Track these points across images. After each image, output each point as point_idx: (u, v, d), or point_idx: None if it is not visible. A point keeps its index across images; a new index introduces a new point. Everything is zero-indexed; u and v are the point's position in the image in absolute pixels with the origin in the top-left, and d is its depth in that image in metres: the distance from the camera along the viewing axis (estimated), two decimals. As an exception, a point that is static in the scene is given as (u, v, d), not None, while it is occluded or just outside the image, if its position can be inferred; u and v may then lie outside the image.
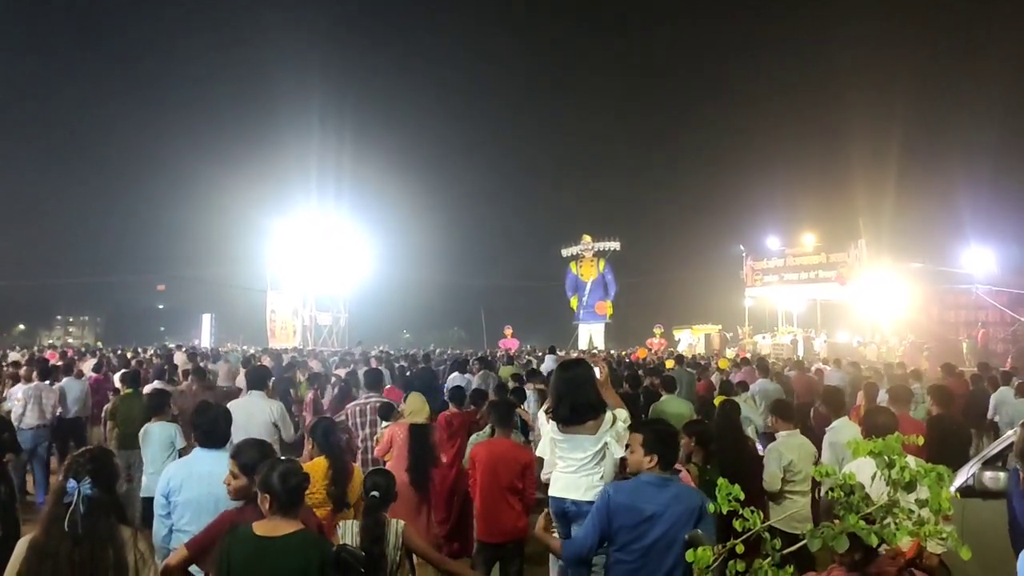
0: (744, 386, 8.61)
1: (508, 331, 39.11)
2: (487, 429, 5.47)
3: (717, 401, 6.96)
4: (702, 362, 16.69)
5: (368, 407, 6.03)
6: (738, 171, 66.78)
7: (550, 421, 3.84)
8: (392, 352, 21.32)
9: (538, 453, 4.04)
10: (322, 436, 4.22)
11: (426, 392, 6.08)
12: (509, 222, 74.04)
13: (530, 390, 8.36)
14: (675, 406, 7.10)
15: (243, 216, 51.92)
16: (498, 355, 22.42)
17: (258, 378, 5.80)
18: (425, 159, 70.21)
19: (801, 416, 8.38)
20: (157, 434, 5.47)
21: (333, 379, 9.91)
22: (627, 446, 3.15)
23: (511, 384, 8.66)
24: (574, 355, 22.69)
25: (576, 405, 3.72)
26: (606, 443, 3.72)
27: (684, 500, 2.88)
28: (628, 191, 72.74)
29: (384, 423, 5.83)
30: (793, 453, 4.83)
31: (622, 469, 3.70)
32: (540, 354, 21.63)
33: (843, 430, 5.05)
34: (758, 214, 47.45)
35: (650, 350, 31.12)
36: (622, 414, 3.80)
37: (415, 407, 5.49)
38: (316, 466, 3.99)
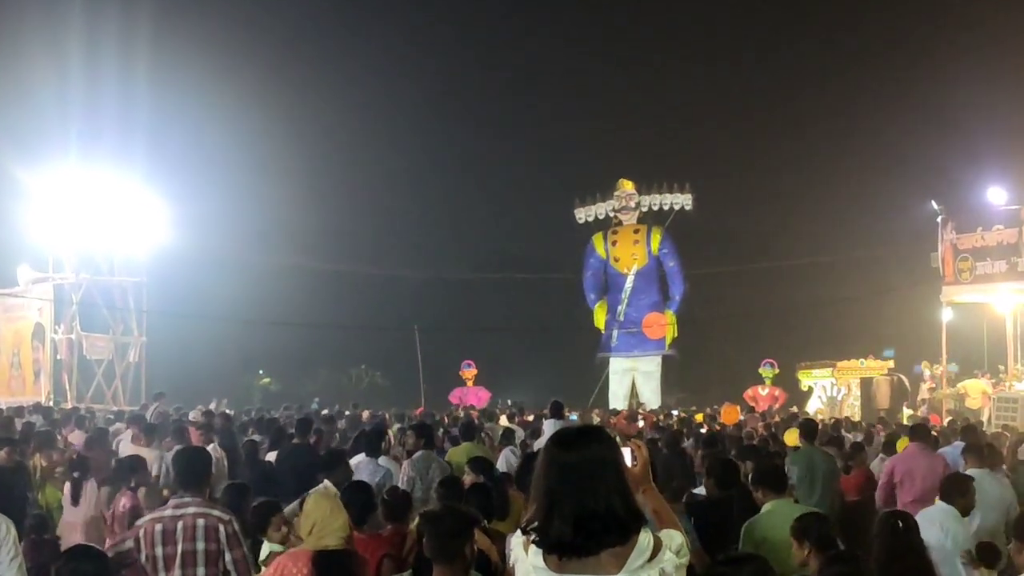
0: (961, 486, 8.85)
1: (468, 372, 39.83)
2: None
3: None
4: (853, 436, 18.09)
5: (181, 525, 6.44)
6: (921, 63, 66.34)
7: (531, 547, 3.99)
8: (230, 412, 22.43)
9: None
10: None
11: (301, 491, 6.97)
12: (468, 163, 73.13)
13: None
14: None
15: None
16: (448, 419, 22.98)
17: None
18: (296, 55, 69.08)
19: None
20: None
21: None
22: None
23: (469, 477, 9.24)
24: (596, 420, 22.82)
25: (583, 517, 3.86)
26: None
27: None
28: (704, 104, 72.13)
29: (268, 549, 6.58)
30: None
31: None
32: (531, 417, 23.07)
33: None
34: (964, 144, 46.78)
35: (751, 409, 31.12)
36: (675, 539, 4.03)
37: (320, 517, 6.00)
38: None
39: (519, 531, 4.15)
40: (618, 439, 4.20)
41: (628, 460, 4.11)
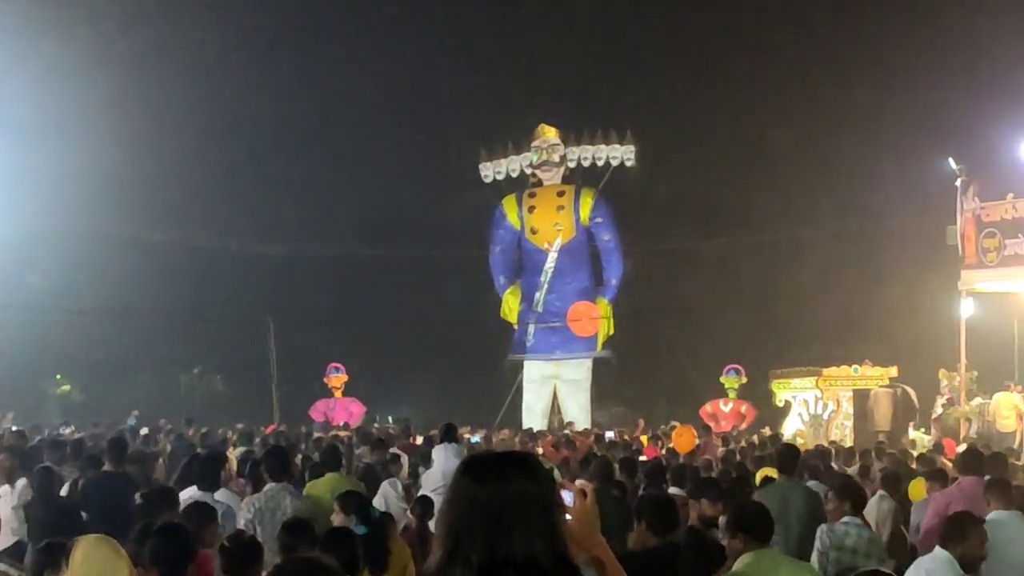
0: (959, 528, 9.26)
1: (337, 380, 41.41)
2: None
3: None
4: (844, 466, 19.32)
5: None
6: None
7: None
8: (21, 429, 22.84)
9: None
10: None
11: (117, 534, 7.02)
12: (336, 103, 73.00)
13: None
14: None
15: None
16: (311, 439, 24.83)
17: None
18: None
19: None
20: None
21: None
22: None
23: (338, 518, 10.16)
24: (503, 447, 22.65)
25: (494, 563, 3.99)
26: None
27: None
28: (655, 34, 72.76)
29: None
30: None
31: None
32: (416, 441, 24.77)
33: None
34: (990, 87, 47.73)
35: (708, 429, 32.85)
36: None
37: (95, 570, 6.29)
38: None
39: None
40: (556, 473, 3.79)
41: (569, 500, 4.20)
